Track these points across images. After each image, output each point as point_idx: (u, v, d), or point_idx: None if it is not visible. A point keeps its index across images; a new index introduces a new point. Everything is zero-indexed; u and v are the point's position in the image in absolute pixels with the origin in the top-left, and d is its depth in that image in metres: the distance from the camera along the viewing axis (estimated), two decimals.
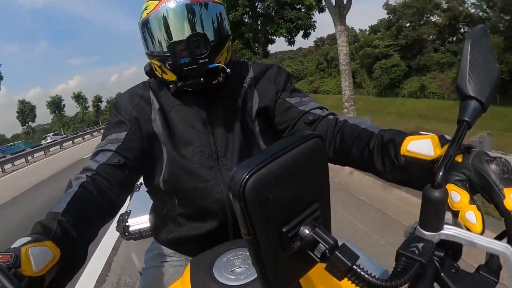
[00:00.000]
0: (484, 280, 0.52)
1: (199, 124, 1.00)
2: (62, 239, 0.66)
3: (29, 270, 0.57)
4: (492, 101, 0.59)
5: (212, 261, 0.80)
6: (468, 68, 0.55)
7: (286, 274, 0.50)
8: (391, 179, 0.76)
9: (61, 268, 0.64)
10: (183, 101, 1.02)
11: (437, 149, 0.65)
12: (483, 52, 0.57)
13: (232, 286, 0.73)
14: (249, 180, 0.40)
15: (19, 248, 0.57)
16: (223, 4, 1.01)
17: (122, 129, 0.96)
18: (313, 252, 0.46)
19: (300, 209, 0.48)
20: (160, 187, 1.01)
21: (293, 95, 1.03)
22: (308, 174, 0.48)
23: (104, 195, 0.82)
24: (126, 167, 0.91)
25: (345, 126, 0.88)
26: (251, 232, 0.42)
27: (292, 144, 0.45)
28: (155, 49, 0.96)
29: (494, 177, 0.53)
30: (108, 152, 0.90)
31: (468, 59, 0.56)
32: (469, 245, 0.51)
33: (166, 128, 0.99)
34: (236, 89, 1.04)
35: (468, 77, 0.55)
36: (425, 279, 0.52)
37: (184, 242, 1.07)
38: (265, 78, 1.06)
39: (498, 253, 0.49)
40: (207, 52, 0.88)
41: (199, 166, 0.98)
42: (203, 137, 1.00)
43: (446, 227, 0.51)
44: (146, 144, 0.99)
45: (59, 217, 0.69)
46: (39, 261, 0.59)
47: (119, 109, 1.01)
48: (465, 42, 0.57)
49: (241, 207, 0.40)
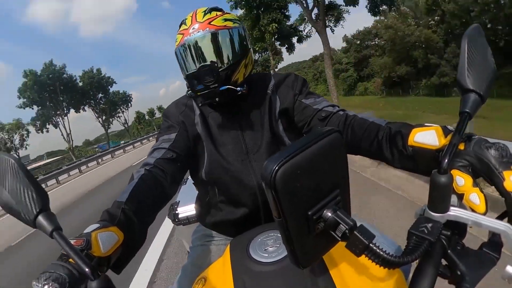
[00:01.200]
0: (486, 257, 0.56)
1: (231, 127, 1.14)
2: (125, 225, 0.75)
3: (98, 251, 0.65)
4: None
5: (248, 241, 0.87)
6: (466, 64, 0.58)
7: (311, 252, 0.55)
8: (400, 167, 0.81)
9: (124, 249, 0.73)
10: (216, 109, 1.16)
11: (441, 138, 0.68)
12: (479, 49, 0.59)
13: (266, 262, 0.78)
14: (279, 171, 0.44)
15: (90, 233, 0.66)
16: (240, 25, 1.11)
17: (172, 131, 1.10)
18: (335, 232, 0.51)
19: (323, 194, 0.52)
20: (203, 178, 1.14)
21: (308, 97, 1.13)
22: (329, 164, 0.53)
23: (159, 185, 0.94)
24: (177, 161, 1.04)
25: (355, 120, 0.95)
26: (281, 215, 0.48)
27: (315, 139, 0.50)
28: (187, 71, 1.09)
29: (494, 161, 0.55)
30: (162, 150, 1.04)
31: (466, 56, 0.58)
32: (473, 225, 0.54)
33: (206, 130, 1.13)
34: (261, 96, 1.16)
35: (466, 72, 0.58)
36: (434, 255, 0.55)
37: (224, 225, 1.22)
38: (285, 85, 1.17)
39: (500, 232, 0.52)
40: (215, 79, 1.01)
41: (233, 161, 1.11)
42: (234, 137, 1.13)
43: (452, 208, 0.54)
44: (191, 143, 1.12)
45: (122, 205, 0.78)
46: (106, 244, 0.67)
47: (169, 116, 1.16)
48: (462, 40, 0.60)
49: (272, 194, 0.46)
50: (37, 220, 0.56)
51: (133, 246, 0.77)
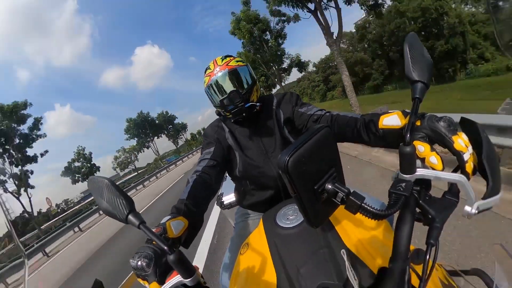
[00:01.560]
0: (449, 202, 0.60)
1: (252, 137, 1.28)
2: (187, 214, 0.84)
3: (172, 234, 0.74)
4: None
5: (275, 214, 0.94)
6: (410, 61, 0.62)
7: (320, 215, 0.60)
8: (375, 145, 0.89)
9: (189, 231, 0.83)
10: (241, 125, 1.29)
11: (402, 119, 0.74)
12: (417, 49, 0.64)
13: (289, 227, 0.85)
14: (289, 160, 0.51)
15: (165, 223, 0.76)
16: (247, 64, 1.28)
17: (211, 146, 1.23)
18: (335, 198, 0.57)
19: (323, 172, 0.58)
20: (237, 175, 1.29)
21: (302, 106, 1.25)
22: (324, 151, 0.58)
23: (207, 184, 1.05)
24: (217, 166, 1.16)
25: (338, 117, 1.05)
26: (295, 192, 0.54)
27: (312, 134, 0.56)
28: (215, 103, 1.25)
29: (444, 130, 0.60)
30: (206, 160, 1.16)
31: (409, 55, 0.63)
32: (435, 179, 0.59)
33: (235, 142, 1.27)
34: (269, 111, 1.30)
35: (411, 67, 0.62)
36: (410, 206, 0.60)
37: (256, 205, 1.35)
38: (284, 101, 1.30)
39: (455, 181, 0.57)
40: (241, 99, 1.17)
41: (257, 160, 1.25)
42: (256, 143, 1.27)
43: (418, 170, 0.59)
44: (226, 152, 1.25)
45: (184, 201, 0.89)
46: (176, 228, 0.77)
47: (207, 135, 1.30)
48: (404, 44, 0.64)
49: (287, 177, 0.52)
50: (128, 218, 0.61)
51: (195, 228, 0.87)
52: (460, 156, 0.59)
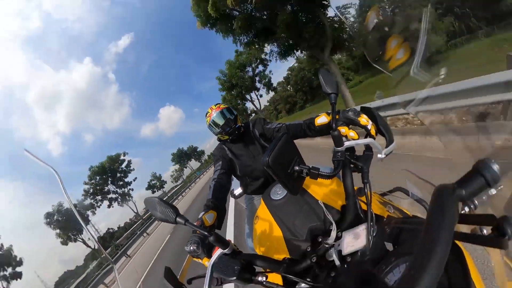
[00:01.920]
0: (368, 155, 0.75)
1: (243, 149, 1.52)
2: (215, 207, 0.98)
3: (207, 223, 0.87)
4: None
5: (269, 193, 0.99)
6: (324, 82, 0.75)
7: (296, 186, 0.70)
8: (315, 136, 1.12)
9: (218, 218, 0.97)
10: (234, 143, 1.54)
11: (327, 117, 0.93)
12: (327, 74, 0.77)
13: (279, 199, 0.91)
14: (269, 159, 0.60)
15: (201, 217, 0.88)
16: (229, 106, 1.59)
17: (219, 161, 1.43)
18: (302, 174, 0.69)
19: (291, 160, 0.68)
20: (239, 175, 1.53)
21: (267, 124, 1.50)
22: (288, 147, 0.69)
23: (222, 185, 1.24)
24: (226, 173, 1.36)
25: (290, 126, 1.25)
26: (277, 177, 0.63)
27: (278, 140, 0.67)
28: (216, 132, 1.53)
29: (352, 116, 0.77)
30: (218, 170, 1.36)
31: (322, 79, 0.76)
32: (356, 145, 0.73)
33: (233, 155, 1.51)
34: (249, 132, 1.54)
35: (325, 85, 0.75)
36: (347, 166, 0.74)
37: (256, 190, 1.59)
38: (256, 124, 1.55)
39: (368, 143, 0.72)
40: (233, 123, 1.47)
41: (249, 163, 1.50)
42: (247, 153, 1.52)
43: (345, 143, 0.73)
44: (229, 163, 1.46)
45: (211, 200, 1.05)
46: (210, 219, 0.89)
47: (215, 155, 1.51)
48: (318, 74, 0.78)
49: (270, 170, 0.61)
50: (176, 220, 0.64)
51: (221, 215, 1.00)
52: (366, 128, 0.75)
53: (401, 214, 0.79)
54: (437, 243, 0.31)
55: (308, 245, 0.73)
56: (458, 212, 0.36)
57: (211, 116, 1.51)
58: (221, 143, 1.59)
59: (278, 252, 0.82)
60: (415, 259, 0.31)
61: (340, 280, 0.56)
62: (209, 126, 1.54)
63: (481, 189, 0.39)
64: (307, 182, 0.88)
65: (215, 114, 1.50)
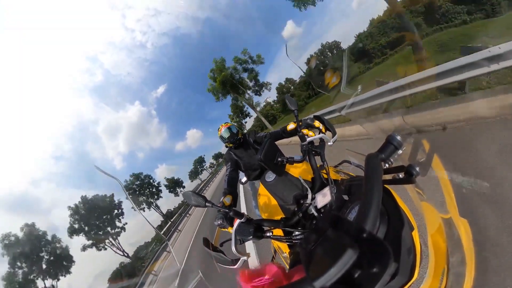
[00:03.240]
0: (322, 144, 0.76)
1: (244, 153, 1.48)
2: (230, 193, 0.94)
3: (226, 204, 0.83)
4: None
5: (264, 177, 0.93)
6: (288, 103, 0.77)
7: (280, 170, 0.71)
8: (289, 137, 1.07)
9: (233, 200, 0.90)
10: (237, 149, 1.49)
11: (294, 124, 0.91)
12: (290, 98, 0.78)
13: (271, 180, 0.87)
14: (261, 156, 0.62)
15: (222, 200, 0.84)
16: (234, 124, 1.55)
17: (229, 162, 1.38)
18: (283, 162, 0.69)
19: (275, 155, 0.69)
20: (243, 169, 1.48)
21: (258, 133, 1.51)
22: (273, 147, 0.69)
23: (233, 178, 1.20)
24: (236, 170, 1.34)
25: (272, 133, 1.23)
26: (268, 167, 0.65)
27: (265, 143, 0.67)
28: (224, 141, 1.49)
29: (309, 121, 0.77)
30: (229, 169, 1.32)
31: (288, 102, 0.77)
32: (314, 140, 0.74)
33: (237, 157, 1.46)
34: (246, 140, 1.50)
35: (290, 105, 0.76)
36: (310, 153, 0.74)
37: (256, 177, 1.53)
38: (250, 134, 1.52)
39: (321, 137, 0.74)
40: (236, 136, 1.46)
41: (248, 160, 1.46)
42: (246, 154, 1.48)
43: (307, 139, 0.74)
44: (236, 163, 1.41)
45: (227, 188, 1.00)
46: (228, 201, 0.85)
47: (226, 158, 1.45)
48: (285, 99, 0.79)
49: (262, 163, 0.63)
50: (205, 204, 0.62)
51: (235, 197, 0.95)
52: (318, 128, 0.76)
53: (348, 176, 0.80)
54: (374, 189, 0.33)
55: (295, 207, 0.72)
56: (382, 168, 0.38)
57: (221, 131, 1.51)
58: (228, 149, 1.55)
59: (277, 215, 0.80)
60: (362, 202, 0.32)
61: (319, 224, 0.57)
62: (220, 137, 1.53)
63: (392, 151, 0.41)
64: (288, 167, 0.87)
65: (223, 130, 1.49)
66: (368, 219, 0.29)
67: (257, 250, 2.28)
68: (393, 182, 0.42)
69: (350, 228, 0.28)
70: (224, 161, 1.51)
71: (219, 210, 0.68)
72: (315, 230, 0.50)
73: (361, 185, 0.56)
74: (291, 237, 0.63)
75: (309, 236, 0.37)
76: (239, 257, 0.58)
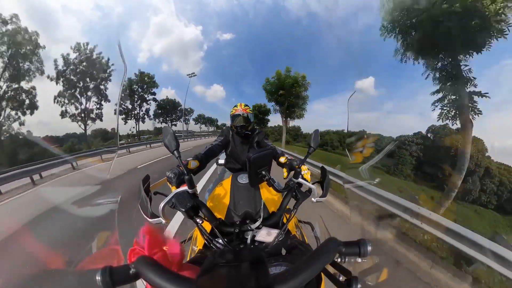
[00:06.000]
0: (306, 194, 0.74)
1: (239, 142, 1.44)
2: (200, 160, 0.94)
3: (190, 166, 0.84)
4: None
5: (237, 175, 0.96)
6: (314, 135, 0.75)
7: (256, 182, 0.70)
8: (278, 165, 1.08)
9: (198, 168, 0.93)
10: (237, 135, 1.42)
11: (285, 159, 0.94)
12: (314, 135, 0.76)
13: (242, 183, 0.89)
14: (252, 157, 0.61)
15: (189, 160, 0.84)
16: (253, 112, 1.43)
17: (222, 137, 1.39)
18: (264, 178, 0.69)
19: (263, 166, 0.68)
20: (228, 153, 1.45)
21: (266, 139, 1.44)
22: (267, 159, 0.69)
23: (213, 152, 1.18)
24: (221, 146, 1.33)
25: (276, 150, 1.18)
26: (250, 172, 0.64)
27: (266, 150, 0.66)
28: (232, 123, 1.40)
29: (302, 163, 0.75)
30: (217, 142, 1.32)
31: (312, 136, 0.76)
32: (304, 184, 0.73)
33: (232, 140, 1.44)
34: (253, 136, 1.44)
35: (315, 136, 0.75)
36: (291, 191, 0.73)
37: (231, 169, 1.50)
38: (260, 134, 1.47)
39: (311, 187, 0.72)
40: (245, 128, 1.37)
41: (237, 151, 1.44)
42: (240, 145, 1.43)
43: (299, 179, 0.74)
44: (226, 142, 1.40)
45: (201, 154, 0.99)
46: (193, 164, 0.85)
47: (222, 132, 1.45)
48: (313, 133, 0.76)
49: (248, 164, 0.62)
50: (173, 152, 0.60)
51: (201, 168, 0.96)
52: (316, 180, 0.75)
53: (302, 238, 0.79)
54: (310, 268, 0.32)
55: (239, 220, 0.72)
56: (332, 258, 0.37)
57: (236, 112, 1.39)
58: (230, 129, 1.50)
59: (219, 212, 0.80)
60: (292, 268, 0.32)
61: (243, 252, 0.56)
62: (231, 115, 1.43)
63: (354, 254, 0.40)
64: (263, 184, 0.85)
65: (240, 114, 1.38)
66: (284, 285, 0.28)
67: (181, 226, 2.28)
68: (331, 278, 0.41)
69: (264, 279, 0.27)
70: (220, 132, 1.49)
71: (179, 165, 0.65)
72: (236, 253, 0.50)
73: (303, 254, 0.55)
74: (213, 239, 0.62)
75: (228, 253, 0.36)
76: (158, 216, 0.56)
